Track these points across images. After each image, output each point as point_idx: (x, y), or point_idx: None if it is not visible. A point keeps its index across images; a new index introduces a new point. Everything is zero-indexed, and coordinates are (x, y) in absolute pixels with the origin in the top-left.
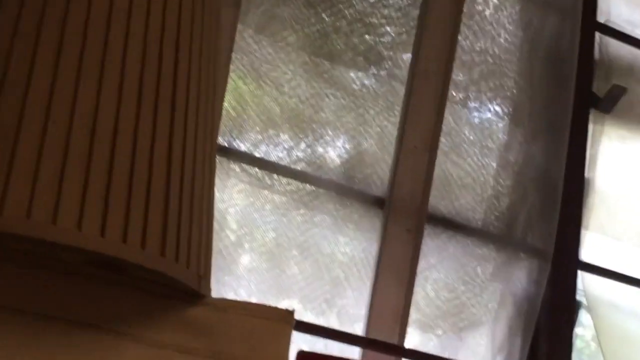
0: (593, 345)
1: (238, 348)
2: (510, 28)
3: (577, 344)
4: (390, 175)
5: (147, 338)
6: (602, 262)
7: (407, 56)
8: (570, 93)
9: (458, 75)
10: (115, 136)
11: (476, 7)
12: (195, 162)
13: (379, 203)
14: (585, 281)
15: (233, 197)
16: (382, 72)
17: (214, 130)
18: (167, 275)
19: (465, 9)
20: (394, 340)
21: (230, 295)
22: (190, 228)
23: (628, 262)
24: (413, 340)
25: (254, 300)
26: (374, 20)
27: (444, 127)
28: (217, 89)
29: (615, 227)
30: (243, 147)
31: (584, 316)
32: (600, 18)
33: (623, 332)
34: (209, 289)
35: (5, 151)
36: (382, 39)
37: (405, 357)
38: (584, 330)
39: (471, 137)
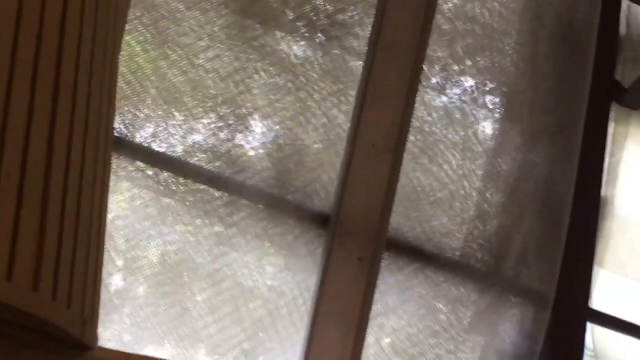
0: None
1: None
2: None
3: None
4: (339, 183)
5: None
6: (619, 313)
7: (368, 22)
8: (585, 81)
9: (435, 51)
10: None
11: None
12: (85, 165)
13: (321, 221)
14: (596, 337)
15: (122, 206)
16: (333, 43)
17: (109, 119)
18: (40, 318)
19: None
20: None
21: (112, 341)
22: (75, 254)
23: None
24: None
25: (142, 347)
26: None
27: (413, 121)
28: (112, 59)
29: (638, 265)
30: (138, 137)
31: None
32: None
33: None
34: (95, 337)
35: None
36: None
37: None
38: None
39: (450, 136)
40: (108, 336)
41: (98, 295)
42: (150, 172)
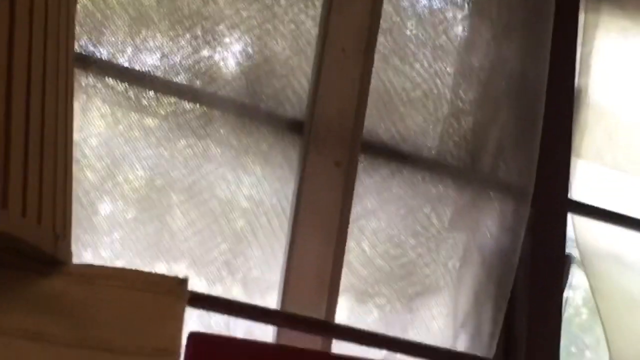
0: (585, 312)
1: (111, 332)
2: None
3: (567, 311)
4: (311, 89)
5: None
6: (599, 202)
7: None
8: None
9: None
10: None
11: None
12: (46, 81)
13: (295, 128)
14: (577, 227)
15: (94, 124)
16: None
17: (69, 31)
18: (11, 236)
19: None
20: (319, 315)
21: (91, 259)
22: (42, 170)
23: (634, 200)
24: (346, 313)
25: (122, 264)
26: None
27: (382, 22)
28: None
29: (616, 153)
30: (105, 54)
31: (575, 274)
32: None
33: (627, 292)
34: (69, 253)
35: None
36: None
37: (337, 336)
38: (574, 293)
39: (420, 35)
40: (87, 253)
41: (69, 211)
42: (120, 89)
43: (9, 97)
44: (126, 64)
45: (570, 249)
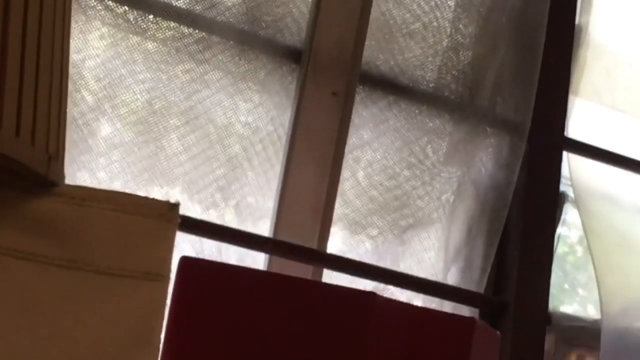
0: (580, 250)
1: (101, 254)
2: None
3: (559, 248)
4: (310, 18)
5: None
6: (595, 141)
7: None
8: None
9: None
10: None
11: None
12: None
13: (294, 56)
14: (572, 165)
15: (92, 46)
16: None
17: None
18: (4, 155)
19: None
20: (312, 244)
21: (87, 181)
22: (37, 90)
23: (630, 140)
24: (338, 243)
25: (117, 186)
26: None
27: None
28: None
29: (614, 93)
30: None
31: (569, 212)
32: None
33: (620, 232)
34: (62, 174)
35: None
36: None
37: (328, 266)
38: (568, 230)
39: None
40: (82, 176)
41: (63, 132)
42: (119, 11)
43: (7, 14)
44: None
45: (565, 187)
